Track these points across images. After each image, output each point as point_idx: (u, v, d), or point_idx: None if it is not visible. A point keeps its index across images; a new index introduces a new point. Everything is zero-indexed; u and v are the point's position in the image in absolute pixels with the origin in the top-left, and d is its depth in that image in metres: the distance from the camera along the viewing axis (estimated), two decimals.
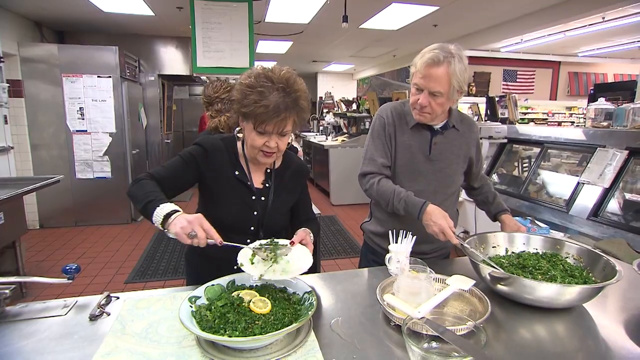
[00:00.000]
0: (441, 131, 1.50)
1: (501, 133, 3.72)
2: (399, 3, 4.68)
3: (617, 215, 2.49)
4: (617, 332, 1.02)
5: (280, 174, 1.35)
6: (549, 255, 1.27)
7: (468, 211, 3.74)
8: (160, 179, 1.18)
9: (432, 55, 1.30)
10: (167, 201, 1.06)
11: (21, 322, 1.03)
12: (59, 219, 5.05)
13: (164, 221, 1.01)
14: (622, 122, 2.74)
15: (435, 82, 1.31)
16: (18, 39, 4.79)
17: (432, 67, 1.30)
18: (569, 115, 9.80)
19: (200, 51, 3.67)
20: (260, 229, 1.29)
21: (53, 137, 4.92)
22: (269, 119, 1.12)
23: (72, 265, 1.11)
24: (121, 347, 0.90)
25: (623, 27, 6.83)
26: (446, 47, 1.33)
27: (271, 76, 1.13)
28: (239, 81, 1.18)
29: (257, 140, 1.17)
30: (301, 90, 1.17)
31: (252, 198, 1.28)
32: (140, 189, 1.11)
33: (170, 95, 7.28)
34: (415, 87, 1.38)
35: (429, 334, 0.86)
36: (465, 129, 1.55)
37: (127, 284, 3.40)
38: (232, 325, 0.87)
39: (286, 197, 1.36)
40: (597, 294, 1.06)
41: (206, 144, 1.26)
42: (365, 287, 1.26)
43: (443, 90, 1.33)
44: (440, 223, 1.28)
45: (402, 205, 1.39)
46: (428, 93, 1.34)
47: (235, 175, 1.27)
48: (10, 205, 2.74)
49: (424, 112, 1.40)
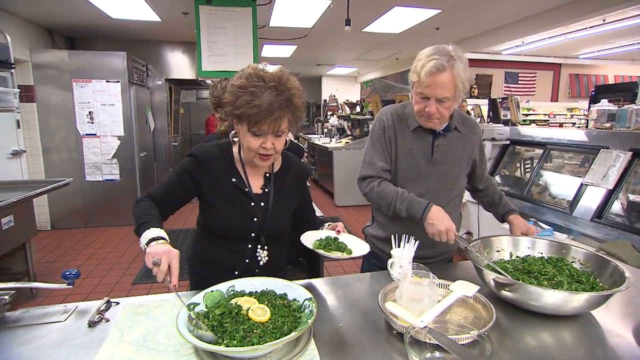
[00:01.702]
0: (443, 133, 1.44)
1: (503, 135, 3.67)
2: (401, 6, 4.64)
3: (621, 217, 2.43)
4: (625, 339, 0.97)
5: (280, 177, 1.29)
6: (555, 259, 1.21)
7: (471, 213, 3.68)
8: (158, 198, 1.19)
9: (434, 63, 1.24)
10: (156, 226, 1.05)
11: (20, 328, 1.00)
12: (70, 221, 5.05)
13: (147, 244, 1.00)
14: (625, 124, 2.68)
15: (442, 89, 1.26)
16: (30, 46, 4.81)
17: (436, 76, 1.24)
18: (570, 117, 9.68)
19: (205, 55, 3.65)
20: (261, 235, 1.24)
21: (64, 141, 4.93)
22: (263, 119, 1.06)
23: (72, 271, 1.08)
24: (118, 355, 0.86)
25: (623, 29, 6.73)
26: (444, 51, 1.27)
27: (263, 75, 1.08)
28: (231, 83, 1.13)
29: (252, 142, 1.11)
30: (294, 88, 1.11)
31: (251, 204, 1.23)
32: (137, 210, 1.12)
33: (177, 99, 7.28)
34: (420, 95, 1.32)
35: (432, 343, 0.81)
36: (468, 130, 1.49)
37: (134, 285, 3.38)
38: (230, 334, 0.83)
39: (287, 201, 1.31)
40: (605, 301, 1.01)
41: (198, 153, 1.21)
42: (367, 293, 1.21)
43: (450, 95, 1.28)
44: (446, 223, 1.27)
45: (406, 206, 1.34)
46: (435, 100, 1.29)
47: (233, 182, 1.22)
48: (20, 207, 2.73)
49: (433, 119, 1.35)
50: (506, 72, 10.45)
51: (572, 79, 10.93)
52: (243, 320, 0.86)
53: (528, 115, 9.16)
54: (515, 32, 5.73)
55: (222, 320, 0.86)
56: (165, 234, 1.04)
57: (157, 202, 1.18)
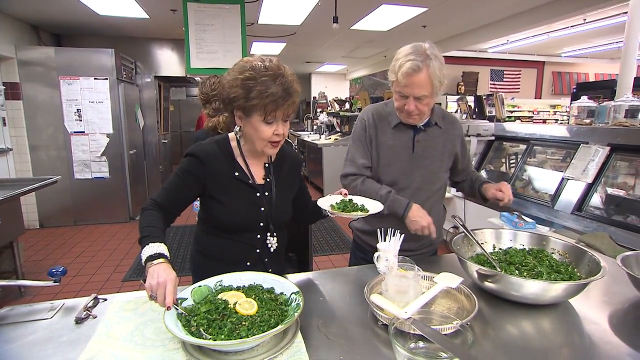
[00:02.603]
0: (424, 129, 1.48)
1: (489, 131, 3.71)
2: (388, 4, 4.63)
3: (600, 210, 2.48)
4: (601, 327, 0.99)
5: (279, 166, 1.31)
6: (536, 251, 1.24)
7: (457, 207, 3.73)
8: (163, 204, 1.17)
9: (411, 64, 1.27)
10: (157, 240, 1.01)
11: (6, 326, 0.98)
12: (59, 219, 4.96)
13: (147, 261, 0.97)
14: (604, 120, 2.73)
15: (419, 88, 1.30)
16: (15, 42, 4.68)
17: (412, 76, 1.28)
18: (553, 113, 9.84)
19: (194, 52, 3.60)
20: (269, 223, 1.26)
21: (51, 139, 4.82)
22: (279, 106, 1.09)
23: (59, 268, 1.06)
24: (105, 351, 0.86)
25: (603, 29, 6.87)
26: (420, 50, 1.30)
27: (268, 66, 1.11)
28: (234, 77, 1.12)
29: (266, 131, 1.13)
30: (292, 75, 1.15)
31: (256, 195, 1.24)
32: (142, 220, 1.10)
33: (166, 96, 7.18)
34: (399, 94, 1.36)
35: (416, 334, 0.82)
36: (448, 126, 1.53)
37: (124, 282, 3.34)
38: (218, 328, 0.83)
39: (288, 188, 1.34)
40: (582, 289, 1.03)
41: (200, 153, 1.20)
42: (354, 286, 1.22)
43: (427, 92, 1.32)
44: (427, 218, 1.34)
45: (388, 205, 1.38)
46: (413, 98, 1.33)
47: (236, 176, 1.22)
48: (7, 206, 2.67)
49: (412, 116, 1.39)
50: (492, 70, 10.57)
51: (554, 76, 11.11)
52: (230, 314, 0.86)
53: (513, 111, 9.28)
54: (500, 30, 5.79)
55: (210, 315, 0.86)
56: (164, 249, 1.00)
57: (162, 207, 1.17)
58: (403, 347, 0.74)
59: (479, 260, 1.20)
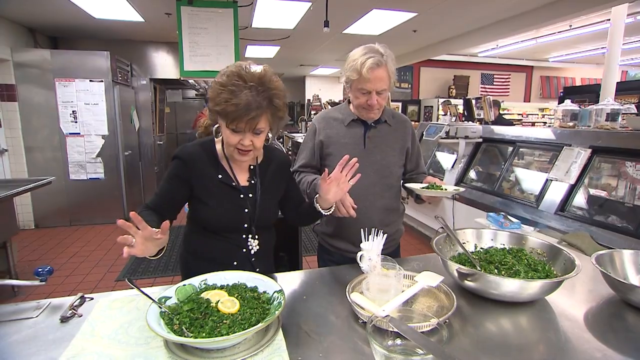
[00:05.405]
0: (375, 125, 1.55)
1: (477, 133, 3.73)
2: (379, 9, 4.66)
3: (582, 210, 2.51)
4: (576, 323, 1.00)
5: (263, 169, 1.31)
6: (515, 250, 1.24)
7: (447, 207, 3.74)
8: (157, 208, 1.19)
9: (373, 60, 1.36)
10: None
11: None
12: (54, 219, 4.92)
13: None
14: (587, 123, 2.76)
15: (381, 82, 1.40)
16: (11, 45, 4.64)
17: (375, 71, 1.37)
18: (541, 117, 9.94)
19: (187, 55, 3.59)
20: (252, 225, 1.25)
21: (47, 140, 4.78)
22: (240, 117, 1.07)
23: (45, 267, 1.06)
24: (88, 350, 0.85)
25: (588, 35, 6.97)
26: (376, 49, 1.40)
27: (244, 75, 1.08)
28: (214, 80, 1.13)
29: (231, 138, 1.13)
30: (277, 89, 1.12)
31: (240, 197, 1.24)
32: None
33: (162, 99, 7.14)
34: (361, 91, 1.44)
35: (394, 331, 0.83)
36: (398, 124, 1.60)
37: (117, 282, 3.32)
38: (200, 326, 0.83)
39: (273, 190, 1.33)
40: (557, 287, 1.04)
41: (183, 155, 1.21)
42: (337, 285, 1.22)
43: (386, 86, 1.42)
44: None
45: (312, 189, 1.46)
46: (375, 93, 1.41)
47: (219, 178, 1.22)
48: (0, 206, 2.65)
49: (374, 110, 1.47)
50: (482, 74, 10.66)
51: (543, 80, 11.23)
52: (212, 313, 0.86)
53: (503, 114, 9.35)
54: (489, 35, 5.84)
55: (192, 313, 0.86)
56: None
57: (157, 211, 1.17)
58: (380, 345, 0.75)
59: (460, 260, 1.21)
